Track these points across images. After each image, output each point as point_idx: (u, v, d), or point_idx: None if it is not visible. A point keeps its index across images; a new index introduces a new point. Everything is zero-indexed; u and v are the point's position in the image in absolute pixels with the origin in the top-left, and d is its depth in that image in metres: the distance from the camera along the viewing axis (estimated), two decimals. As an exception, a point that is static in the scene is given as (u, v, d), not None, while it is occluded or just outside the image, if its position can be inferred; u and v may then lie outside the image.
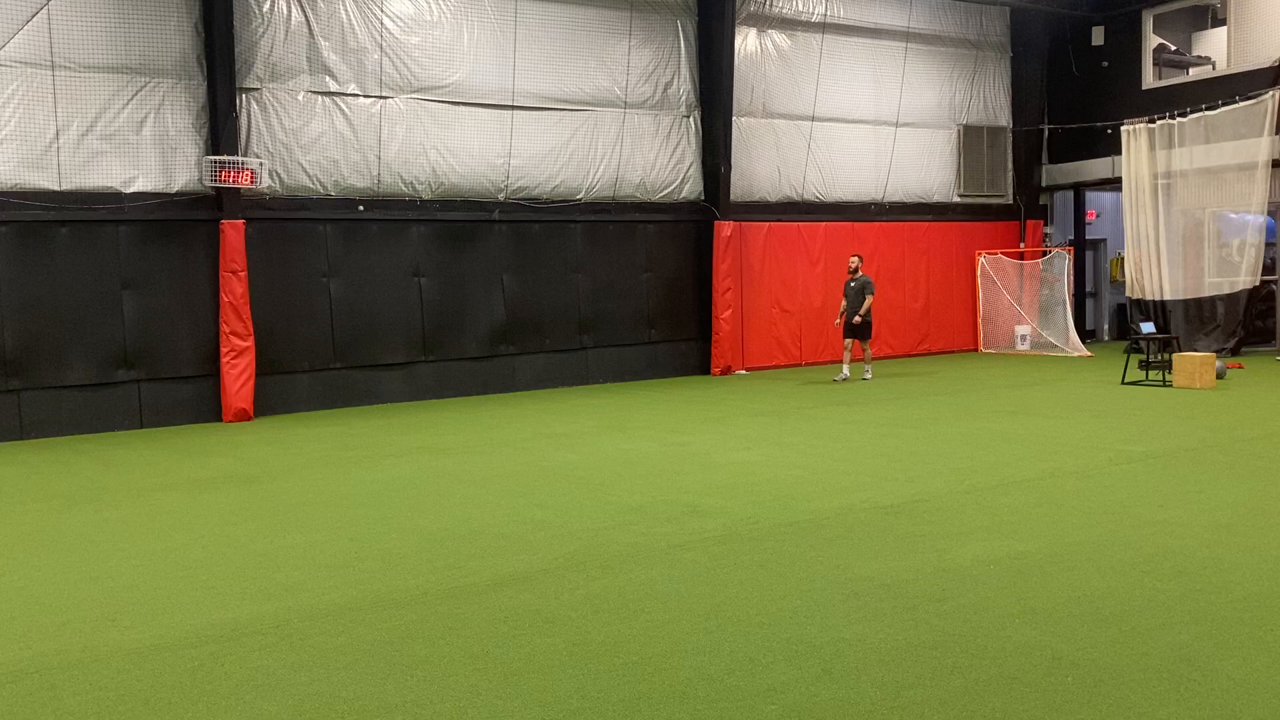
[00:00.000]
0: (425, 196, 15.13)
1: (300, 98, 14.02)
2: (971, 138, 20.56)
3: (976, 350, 20.66)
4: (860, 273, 15.94)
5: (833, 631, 4.83)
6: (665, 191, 17.25)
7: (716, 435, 11.20)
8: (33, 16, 12.30)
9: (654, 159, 17.03)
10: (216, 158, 13.21)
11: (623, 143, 16.66)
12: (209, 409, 13.65)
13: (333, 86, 14.22)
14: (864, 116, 19.20)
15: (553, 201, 16.17)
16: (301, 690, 4.30)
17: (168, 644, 4.90)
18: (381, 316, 14.92)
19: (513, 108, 15.57)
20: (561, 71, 15.97)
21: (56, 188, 12.64)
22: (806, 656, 4.53)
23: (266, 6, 13.71)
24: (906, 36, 19.53)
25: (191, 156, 13.40)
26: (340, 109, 14.30)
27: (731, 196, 17.55)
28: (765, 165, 18.17)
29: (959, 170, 20.52)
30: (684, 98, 17.29)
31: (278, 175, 13.93)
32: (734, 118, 17.44)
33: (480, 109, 15.34)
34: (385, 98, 14.60)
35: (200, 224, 13.52)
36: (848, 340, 15.98)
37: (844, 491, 8.00)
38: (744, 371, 17.81)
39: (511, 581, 5.83)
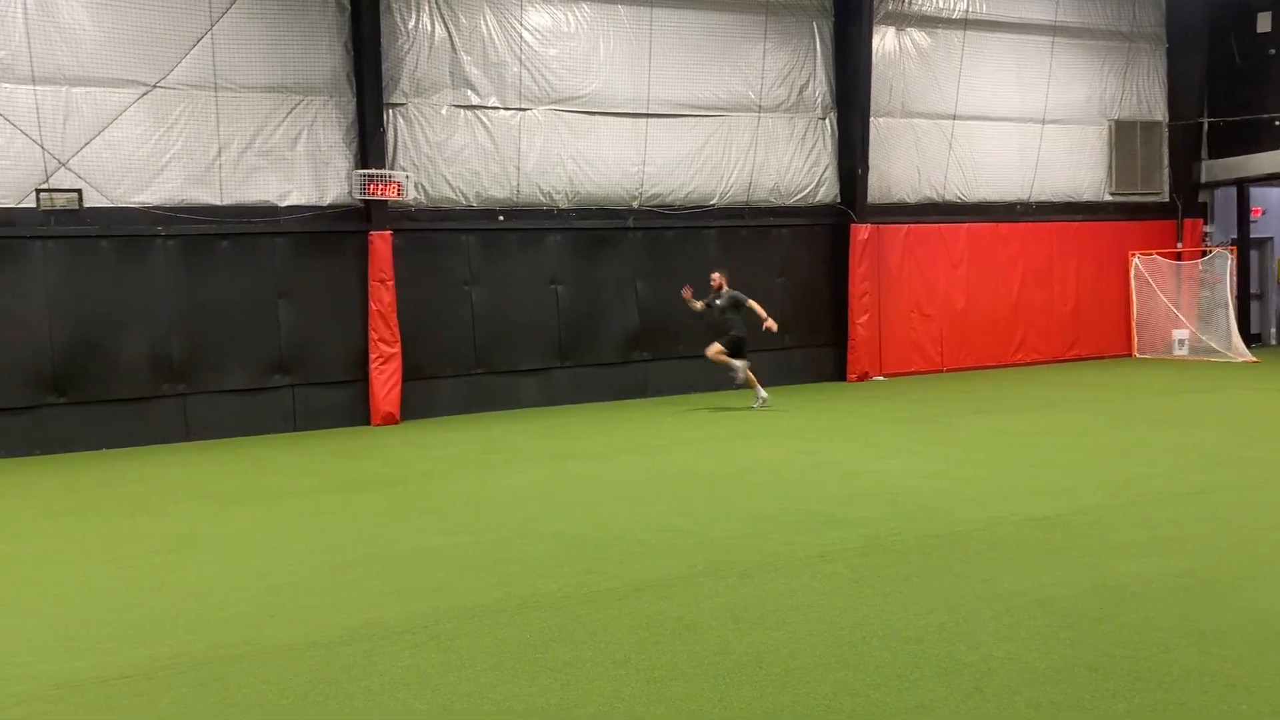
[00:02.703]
0: (562, 205, 15.37)
1: (443, 111, 14.45)
2: (1124, 133, 19.63)
3: (1130, 356, 19.69)
4: (726, 289, 13.92)
5: (982, 649, 4.67)
6: (800, 195, 17.07)
7: (854, 443, 11.00)
8: (197, 42, 13.04)
9: (789, 162, 16.87)
10: (365, 171, 13.74)
11: (757, 147, 16.56)
12: (358, 413, 14.18)
13: (474, 100, 14.60)
14: (1009, 114, 18.56)
15: (686, 208, 16.20)
16: (450, 690, 4.41)
17: (324, 641, 5.09)
18: (520, 323, 15.22)
19: (647, 115, 15.68)
20: (696, 78, 16.00)
21: (218, 202, 13.37)
22: (955, 674, 4.38)
23: (411, 24, 14.19)
24: (1053, 30, 18.80)
25: (342, 171, 13.97)
26: (481, 122, 14.67)
27: (869, 198, 17.23)
28: (904, 166, 17.77)
29: (1111, 167, 19.63)
30: (819, 100, 17.08)
31: (423, 187, 14.39)
32: (872, 118, 17.13)
33: (615, 118, 15.50)
34: (524, 109, 14.90)
35: (350, 235, 14.07)
36: (739, 362, 13.80)
37: (990, 502, 7.73)
38: (881, 378, 17.44)
39: (650, 588, 5.85)
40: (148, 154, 12.93)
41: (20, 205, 12.40)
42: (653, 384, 16.12)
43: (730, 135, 16.33)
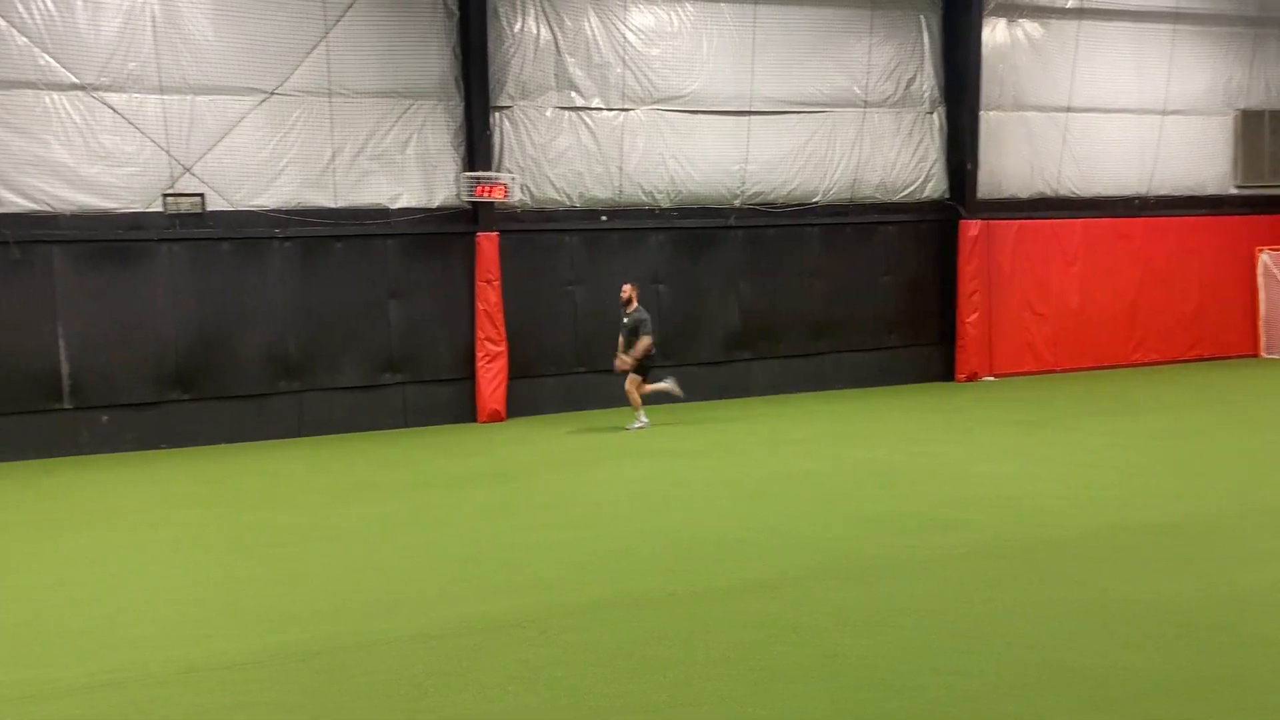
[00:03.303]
0: (664, 205, 15.40)
1: (548, 113, 14.62)
2: (1251, 123, 18.71)
3: (1256, 356, 18.76)
4: (635, 306, 12.95)
5: (1102, 657, 4.52)
6: (906, 191, 16.75)
7: (963, 445, 10.76)
8: (312, 49, 13.46)
9: (895, 158, 16.58)
10: (473, 174, 14.00)
11: (862, 143, 16.32)
12: (465, 410, 14.46)
13: (578, 101, 14.74)
14: (1126, 105, 17.88)
15: (789, 205, 16.07)
16: (559, 685, 4.47)
17: (436, 633, 5.21)
18: (621, 323, 15.27)
19: (750, 113, 15.59)
20: (799, 74, 15.85)
21: (333, 205, 13.78)
22: (1074, 684, 4.25)
23: (518, 28, 14.40)
24: (1175, 18, 18.03)
25: (450, 173, 14.26)
26: (585, 123, 14.80)
27: (979, 194, 16.82)
28: (1015, 160, 17.28)
29: (1236, 159, 18.73)
30: (927, 94, 16.74)
31: (527, 189, 14.58)
32: (981, 112, 16.70)
33: (718, 116, 15.45)
34: (627, 110, 14.98)
35: (458, 236, 14.35)
36: (665, 384, 13.04)
37: (1107, 508, 7.47)
38: (991, 378, 16.99)
39: (756, 589, 5.82)
40: (266, 159, 13.40)
41: (148, 209, 12.99)
42: (755, 383, 16.02)
43: (834, 131, 16.13)
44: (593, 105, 14.81)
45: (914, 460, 9.88)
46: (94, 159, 12.67)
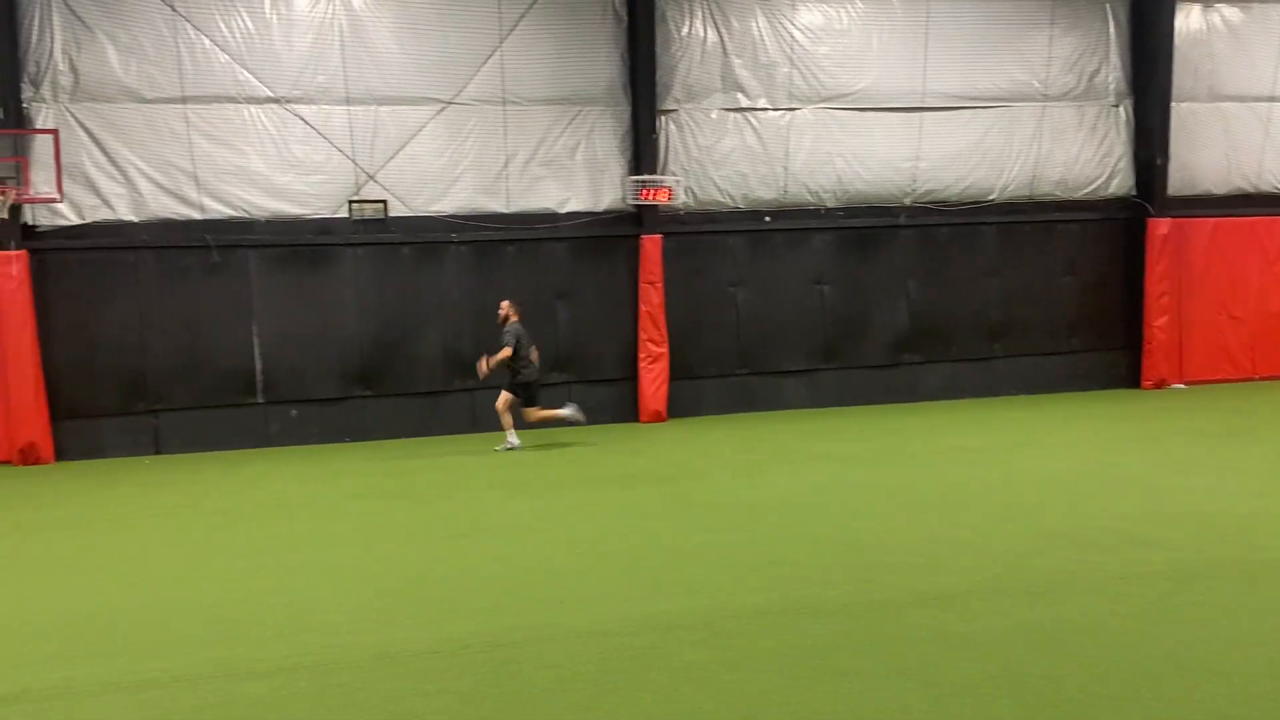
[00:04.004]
0: (830, 204, 15.18)
1: (713, 115, 14.63)
2: None
3: None
4: (510, 323, 12.28)
5: (1324, 693, 4.16)
6: (1089, 188, 15.95)
7: (1152, 456, 10.15)
8: (487, 59, 13.89)
9: (1076, 153, 15.81)
10: (638, 177, 14.15)
11: (1041, 138, 15.64)
12: (627, 410, 14.63)
13: (744, 102, 14.69)
14: (1337, 92, 16.51)
15: (962, 203, 15.56)
16: (733, 689, 4.44)
17: (609, 630, 5.27)
18: (785, 324, 15.16)
19: (922, 109, 15.18)
20: (975, 68, 15.32)
21: (505, 210, 14.19)
22: (1291, 719, 3.93)
23: (685, 31, 14.47)
24: (1396, -6, 16.54)
25: (616, 177, 14.45)
26: (750, 123, 14.73)
27: (1169, 190, 15.85)
28: (1211, 154, 16.20)
29: None
30: (1112, 86, 15.89)
31: (692, 191, 14.63)
32: (1172, 103, 15.74)
33: (888, 113, 15.11)
34: (793, 109, 14.83)
35: (623, 239, 14.53)
36: (566, 410, 12.51)
37: (1323, 528, 6.89)
38: (1181, 385, 15.97)
39: (933, 600, 5.64)
40: (443, 166, 13.92)
41: (335, 215, 13.70)
42: (923, 388, 15.58)
43: (1012, 126, 15.52)
44: (758, 106, 14.73)
45: (1099, 471, 9.38)
46: (286, 168, 13.44)
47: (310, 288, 13.61)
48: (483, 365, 12.07)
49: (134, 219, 13.12)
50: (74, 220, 12.97)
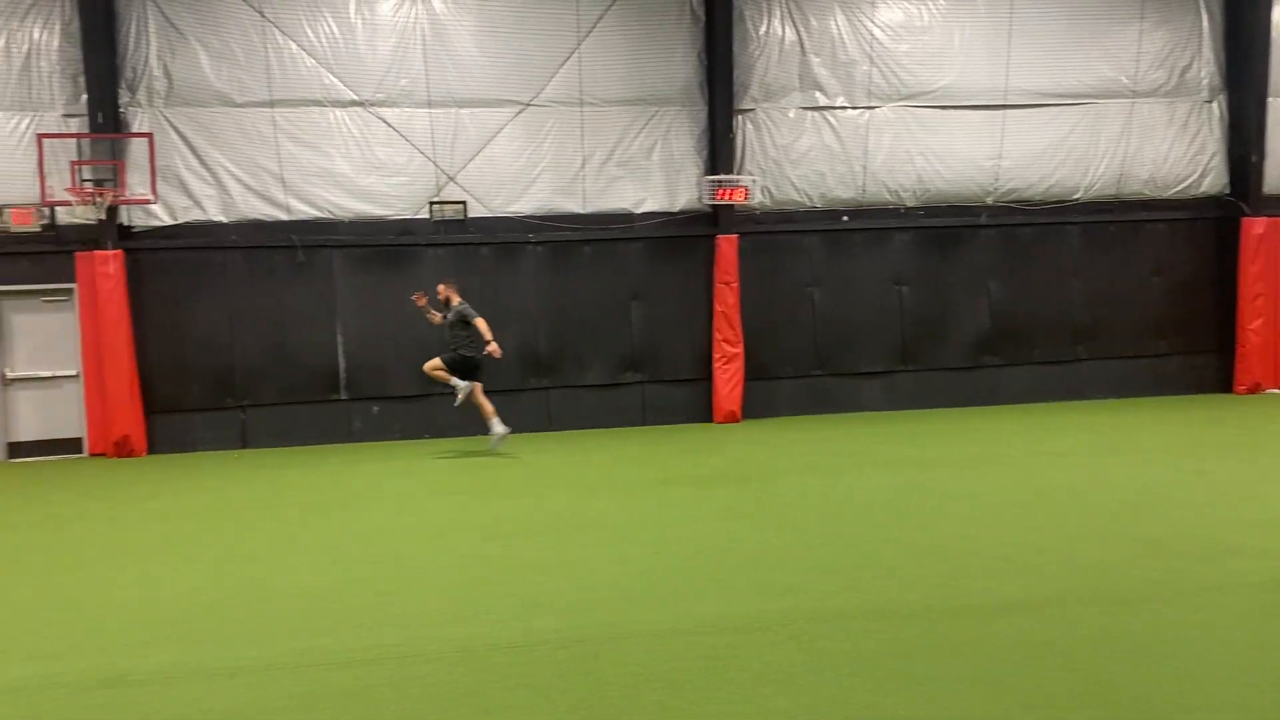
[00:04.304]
0: (909, 204, 14.98)
1: (791, 114, 14.54)
2: None
3: None
4: (458, 301, 12.25)
5: None
6: (1180, 187, 15.48)
7: (1247, 463, 9.80)
8: (565, 61, 14.00)
9: (1166, 151, 15.36)
10: (714, 177, 14.13)
11: (1129, 135, 15.23)
12: (701, 410, 14.62)
13: (822, 101, 14.58)
14: None
15: (1046, 203, 15.23)
16: (811, 692, 4.41)
17: (686, 629, 5.28)
18: (862, 325, 15.00)
19: (1004, 107, 14.90)
20: (1060, 64, 14.99)
21: (581, 210, 14.29)
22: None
23: (763, 30, 14.41)
24: None
25: (692, 177, 14.45)
26: (828, 122, 14.61)
27: (1265, 189, 15.31)
28: (1309, 151, 15.62)
29: None
30: (1205, 81, 15.40)
31: (768, 191, 14.57)
32: (1270, 99, 15.20)
33: (969, 111, 14.86)
34: (873, 108, 14.67)
35: (698, 239, 14.52)
36: (462, 383, 12.14)
37: None
38: (1277, 390, 15.42)
39: (1016, 608, 5.53)
40: (521, 167, 14.07)
41: (416, 216, 13.94)
42: (1005, 390, 15.29)
43: (1098, 124, 15.15)
44: (837, 104, 14.61)
45: (1190, 478, 9.10)
46: (370, 170, 13.72)
47: (391, 287, 13.87)
48: (494, 349, 11.79)
49: (224, 220, 13.51)
50: (167, 221, 13.41)
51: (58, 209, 13.06)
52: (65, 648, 5.34)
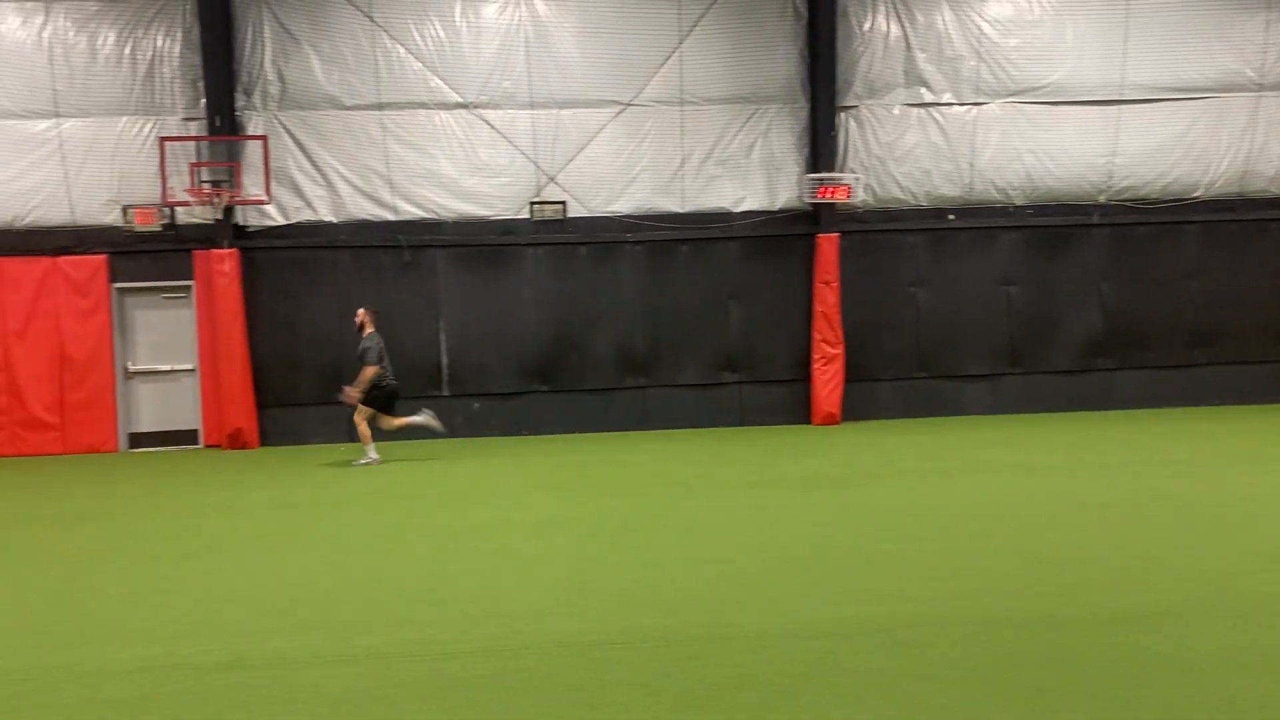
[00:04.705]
0: (1018, 202, 14.61)
1: (895, 111, 14.31)
2: None
3: None
4: (368, 332, 11.85)
5: None
6: (1309, 184, 14.76)
7: (1383, 475, 9.28)
8: (666, 60, 14.03)
9: (1295, 147, 14.67)
10: (816, 175, 13.99)
11: (1255, 130, 14.57)
12: (799, 411, 14.48)
13: (927, 97, 14.31)
14: None
15: (1163, 201, 14.67)
16: (916, 700, 4.32)
17: (786, 632, 5.23)
18: (967, 326, 14.68)
19: (1119, 102, 14.41)
20: (1178, 58, 14.42)
21: (680, 210, 14.30)
22: None
23: (867, 26, 14.21)
24: None
25: (792, 176, 14.33)
26: (934, 119, 14.33)
27: (1405, 186, 14.51)
28: None
29: None
30: (1337, 73, 14.65)
31: (871, 189, 14.36)
32: None
33: (1082, 107, 14.42)
34: (980, 104, 14.34)
35: (798, 238, 14.40)
36: (419, 418, 12.06)
37: None
38: None
39: (1131, 619, 5.33)
40: (621, 167, 14.15)
41: (517, 216, 14.14)
42: (1117, 395, 14.78)
43: (1220, 119, 14.54)
44: (943, 101, 14.32)
45: (1319, 490, 8.66)
46: (473, 171, 13.97)
47: (493, 286, 14.09)
48: (349, 394, 11.65)
49: (333, 220, 13.91)
50: (280, 221, 13.87)
51: (177, 209, 13.63)
52: (186, 631, 5.56)
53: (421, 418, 12.03)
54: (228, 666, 4.94)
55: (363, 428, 11.88)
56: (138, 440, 14.00)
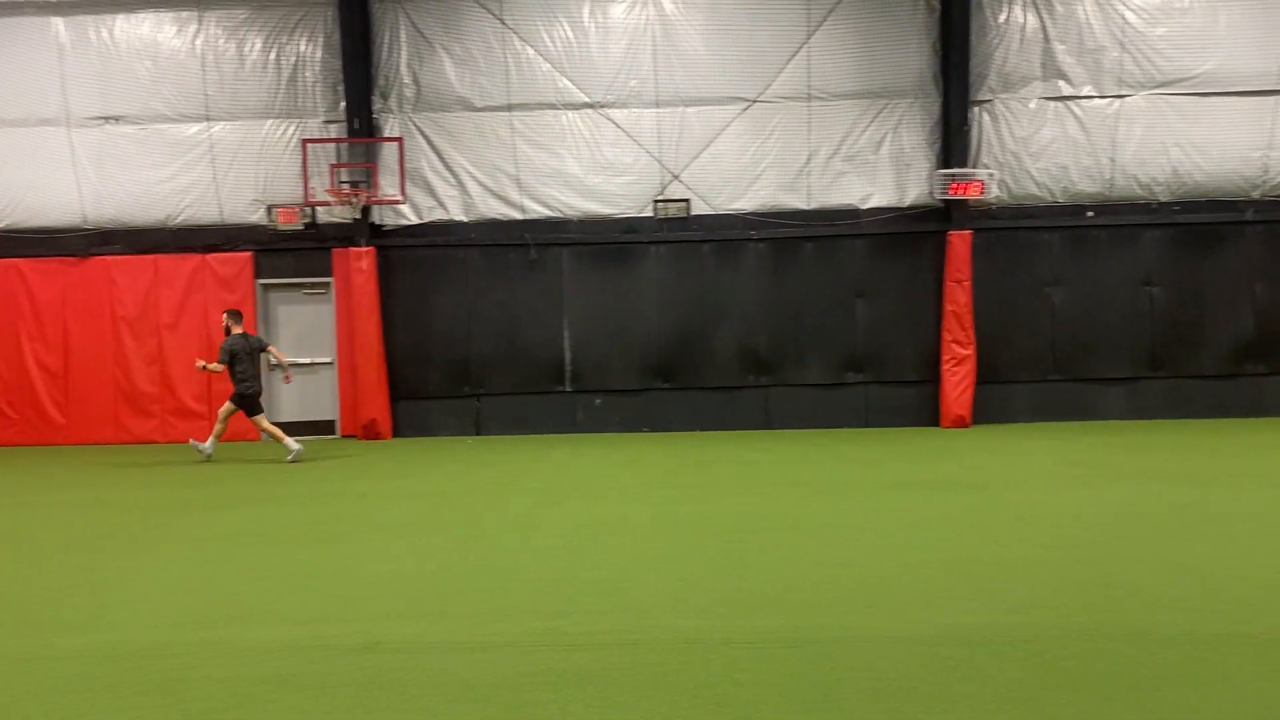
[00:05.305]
0: (1162, 198, 13.95)
1: (1031, 105, 13.85)
2: None
3: None
4: (234, 331, 12.18)
5: None
6: None
7: None
8: (793, 56, 13.89)
9: None
10: (948, 171, 13.64)
11: None
12: (927, 414, 14.16)
13: (1066, 90, 13.80)
14: None
15: (1325, 197, 13.81)
16: (1060, 713, 4.17)
17: (919, 638, 5.11)
18: (1106, 328, 14.10)
19: (1277, 93, 13.59)
20: (1345, 43, 13.55)
21: (805, 207, 14.15)
22: None
23: (1002, 18, 13.79)
24: None
25: (923, 171, 14.02)
26: (1073, 112, 13.82)
27: None
28: None
29: None
30: None
31: (1005, 185, 13.94)
32: None
33: (1234, 98, 13.69)
34: (1123, 96, 13.76)
35: (928, 235, 14.07)
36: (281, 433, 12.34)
37: None
38: None
39: (1294, 639, 5.03)
40: (745, 164, 14.09)
41: (640, 214, 14.22)
42: (1270, 401, 14.00)
43: (1393, 107, 13.60)
44: (1083, 94, 13.80)
45: None
46: (598, 170, 14.11)
47: (616, 284, 14.22)
48: (290, 375, 12.56)
49: (464, 219, 14.25)
50: (413, 220, 14.28)
51: (318, 209, 14.17)
52: (326, 613, 5.77)
53: (293, 447, 12.17)
54: (366, 649, 5.11)
55: (265, 426, 12.30)
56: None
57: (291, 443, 12.14)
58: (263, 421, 12.26)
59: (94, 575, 6.81)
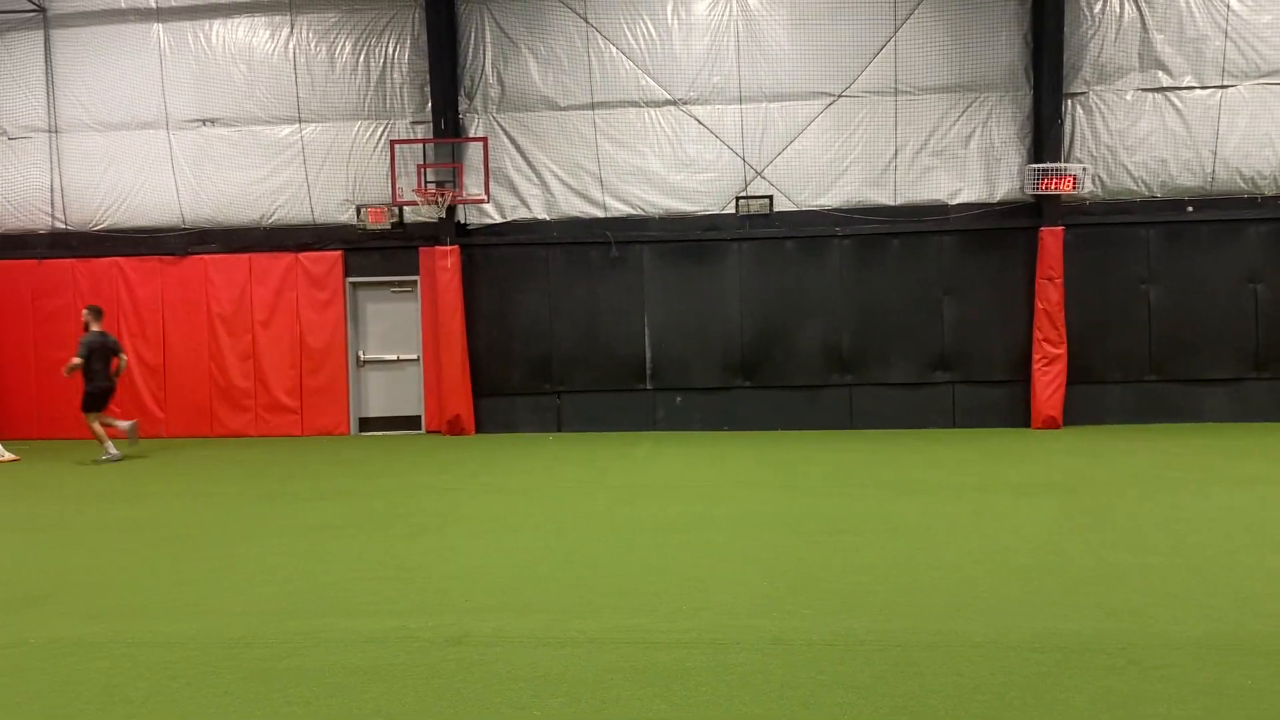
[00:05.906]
0: (1268, 193, 13.40)
1: (1128, 97, 13.42)
2: None
3: None
4: (92, 328, 12.53)
5: None
6: None
7: None
8: (880, 50, 13.69)
9: None
10: (1039, 165, 13.30)
11: None
12: (1017, 414, 13.83)
13: (1165, 81, 13.34)
14: None
15: None
16: (1161, 724, 4.03)
17: (1012, 643, 4.99)
18: (1207, 327, 13.60)
19: (1394, 79, 12.96)
20: None
21: (891, 203, 13.92)
22: None
23: (1098, 8, 13.39)
24: None
25: (1013, 166, 13.69)
26: (1172, 104, 13.35)
27: None
28: None
29: None
30: None
31: (1099, 179, 13.54)
32: None
33: (1348, 86, 13.06)
34: (1226, 87, 13.25)
35: (1018, 232, 13.74)
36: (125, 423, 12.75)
37: None
38: None
39: None
40: (830, 160, 13.92)
41: (722, 211, 14.16)
42: (1385, 405, 13.33)
43: None
44: (1183, 84, 13.33)
45: None
46: (680, 167, 14.09)
47: (697, 282, 14.18)
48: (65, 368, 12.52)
49: (547, 217, 14.37)
50: (497, 219, 14.44)
51: (405, 208, 14.42)
52: (415, 606, 5.87)
53: (111, 450, 12.45)
54: (454, 642, 5.18)
55: (93, 425, 12.53)
56: (366, 424, 14.94)
57: (110, 446, 12.46)
58: (93, 420, 12.55)
59: (197, 564, 7.03)
